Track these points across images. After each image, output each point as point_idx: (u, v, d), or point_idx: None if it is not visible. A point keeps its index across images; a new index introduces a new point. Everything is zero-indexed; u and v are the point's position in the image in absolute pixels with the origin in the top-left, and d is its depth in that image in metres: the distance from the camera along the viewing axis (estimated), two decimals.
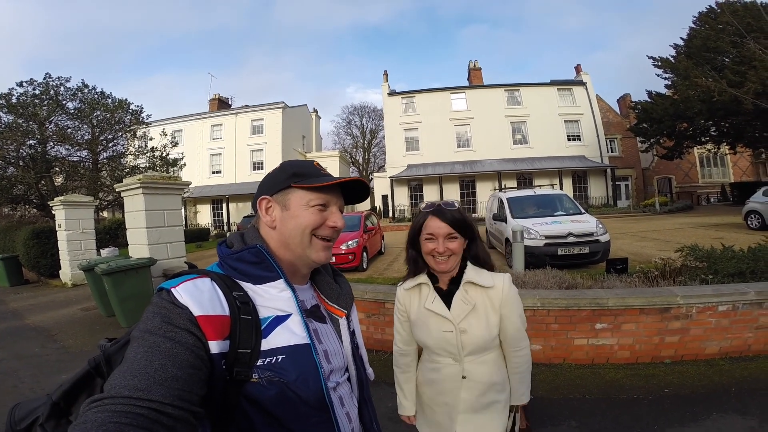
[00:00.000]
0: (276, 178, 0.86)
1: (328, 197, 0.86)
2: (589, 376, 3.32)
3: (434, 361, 1.42)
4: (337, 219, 0.87)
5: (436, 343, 1.38)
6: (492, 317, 1.36)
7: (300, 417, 0.74)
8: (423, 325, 1.41)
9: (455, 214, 1.36)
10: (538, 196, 9.09)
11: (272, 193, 0.85)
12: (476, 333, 1.34)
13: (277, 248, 0.85)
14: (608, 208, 22.89)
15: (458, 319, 1.34)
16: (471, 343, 1.34)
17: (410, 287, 1.48)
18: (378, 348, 4.13)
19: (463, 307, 1.35)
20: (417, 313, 1.44)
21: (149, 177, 6.42)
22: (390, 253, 11.31)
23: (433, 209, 1.40)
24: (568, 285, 4.18)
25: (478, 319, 1.35)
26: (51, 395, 0.69)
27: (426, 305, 1.40)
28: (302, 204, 0.84)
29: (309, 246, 0.84)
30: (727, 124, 19.00)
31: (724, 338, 3.43)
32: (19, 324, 6.28)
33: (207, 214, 29.07)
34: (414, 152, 27.68)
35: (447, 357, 1.38)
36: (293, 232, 0.83)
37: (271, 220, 0.85)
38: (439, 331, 1.36)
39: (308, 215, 0.83)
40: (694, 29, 19.57)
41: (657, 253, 6.93)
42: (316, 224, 0.84)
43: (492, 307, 1.36)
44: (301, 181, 0.84)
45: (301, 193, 0.84)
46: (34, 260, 10.60)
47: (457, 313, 1.35)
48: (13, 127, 13.10)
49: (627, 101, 28.49)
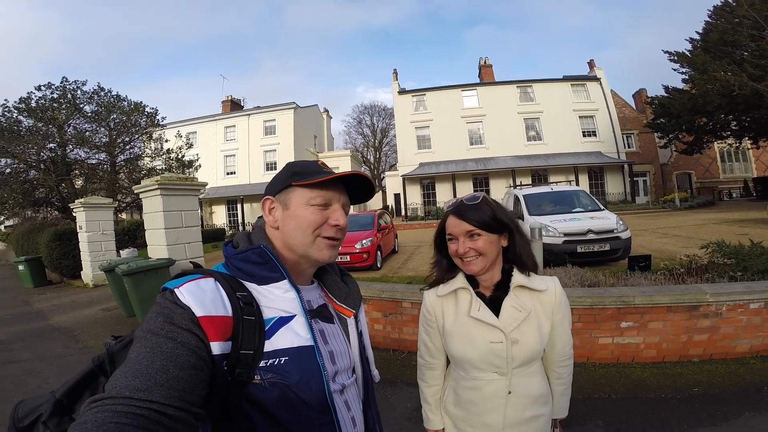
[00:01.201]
0: (279, 178, 0.86)
1: (329, 195, 0.83)
2: (615, 375, 3.25)
3: (474, 378, 1.25)
4: (339, 217, 0.84)
5: (480, 356, 1.22)
6: (544, 325, 1.23)
7: (302, 419, 0.73)
8: (464, 337, 1.24)
9: (474, 209, 1.21)
10: (555, 192, 8.92)
11: (274, 194, 0.85)
12: (529, 343, 1.20)
13: (281, 248, 0.84)
14: (626, 205, 22.50)
15: (510, 329, 1.19)
16: (522, 355, 1.20)
17: (445, 293, 1.30)
18: (396, 347, 4.11)
19: (515, 314, 1.20)
20: (455, 323, 1.26)
21: (167, 178, 6.50)
22: (403, 252, 11.27)
23: (450, 208, 1.27)
24: (590, 283, 4.10)
25: (530, 328, 1.21)
26: (54, 393, 0.70)
27: (471, 313, 1.23)
28: (302, 203, 0.82)
29: (312, 245, 0.83)
30: (748, 118, 18.48)
31: (756, 336, 3.33)
32: (43, 324, 6.44)
33: (222, 215, 29.49)
34: (426, 150, 27.62)
35: (491, 372, 1.22)
36: (294, 232, 0.82)
37: (274, 220, 0.84)
38: (486, 342, 1.20)
39: (308, 214, 0.81)
40: (710, 23, 19.13)
41: (680, 250, 6.77)
42: (316, 223, 0.82)
43: (544, 314, 1.24)
44: (301, 179, 0.82)
45: (300, 191, 0.82)
46: (56, 261, 10.87)
47: (509, 321, 1.20)
48: (33, 131, 13.46)
49: (643, 96, 27.94)
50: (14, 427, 0.67)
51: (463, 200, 1.25)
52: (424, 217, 24.47)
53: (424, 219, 23.90)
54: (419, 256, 10.18)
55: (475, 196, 1.26)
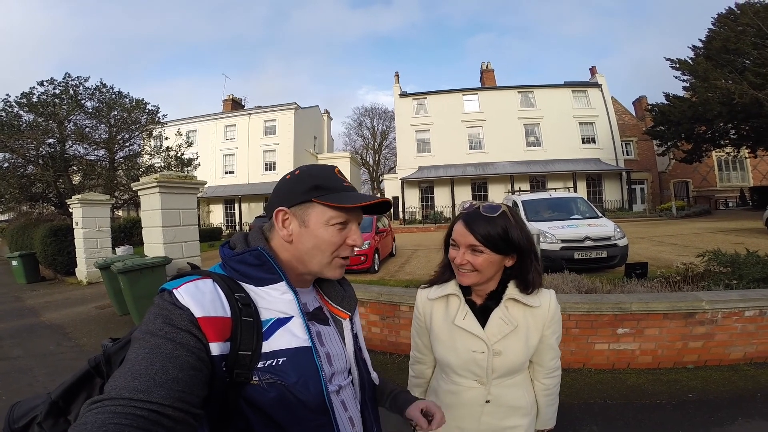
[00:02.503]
0: (295, 189, 0.81)
1: (349, 215, 0.82)
2: (610, 381, 3.25)
3: (454, 383, 1.24)
4: (356, 238, 0.84)
5: (461, 363, 1.20)
6: (532, 338, 1.19)
7: (299, 420, 0.73)
8: (447, 342, 1.23)
9: (486, 222, 1.11)
10: (553, 199, 8.97)
11: (290, 205, 0.80)
12: (512, 356, 1.17)
13: (289, 259, 0.82)
14: (623, 212, 22.59)
15: (493, 340, 1.17)
16: (503, 367, 1.18)
17: (436, 297, 1.28)
18: (392, 351, 4.10)
19: (502, 327, 1.17)
20: (441, 328, 1.25)
21: (166, 176, 6.48)
22: (401, 255, 11.27)
23: (463, 212, 1.19)
24: (587, 289, 4.11)
25: (517, 341, 1.17)
26: (50, 394, 0.70)
27: (456, 321, 1.20)
28: (322, 222, 0.79)
29: (329, 265, 0.83)
30: (747, 126, 18.59)
31: (750, 343, 3.36)
32: (34, 321, 6.37)
33: (220, 214, 29.41)
34: (425, 154, 27.64)
35: (471, 379, 1.21)
36: (312, 251, 0.80)
37: (288, 234, 0.81)
38: (468, 351, 1.18)
39: (328, 236, 0.80)
40: (713, 30, 19.19)
41: (676, 258, 6.79)
42: (336, 245, 0.81)
43: (535, 328, 1.20)
44: (324, 197, 0.79)
45: (321, 209, 0.79)
46: (51, 258, 10.78)
47: (494, 332, 1.17)
48: (33, 126, 13.42)
49: (643, 103, 28.05)
50: (9, 428, 0.67)
51: (480, 208, 1.16)
52: (422, 221, 24.54)
53: (422, 223, 23.97)
54: (417, 259, 10.18)
55: (495, 207, 1.15)
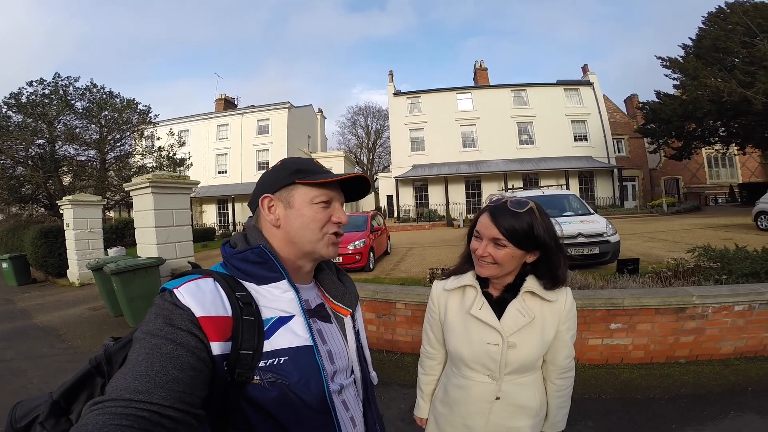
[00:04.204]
0: (277, 176, 0.84)
1: (331, 194, 0.85)
2: (604, 376, 3.28)
3: (464, 377, 1.23)
4: (341, 215, 0.86)
5: (474, 355, 1.19)
6: (548, 333, 1.18)
7: (301, 419, 0.72)
8: (461, 333, 1.21)
9: (512, 216, 1.11)
10: (546, 196, 8.99)
11: (274, 191, 0.83)
12: (527, 350, 1.16)
13: (282, 246, 0.83)
14: (615, 209, 22.75)
15: (509, 332, 1.15)
16: (516, 361, 1.16)
17: (452, 288, 1.27)
18: (388, 348, 4.11)
19: (518, 318, 1.16)
20: (455, 318, 1.24)
21: (159, 176, 6.43)
22: (396, 253, 11.28)
23: (490, 205, 1.19)
24: (580, 285, 4.15)
25: (532, 334, 1.16)
26: (52, 394, 0.70)
27: (472, 311, 1.19)
28: (306, 201, 0.82)
29: (320, 242, 0.83)
30: (736, 124, 18.88)
31: (740, 338, 3.40)
32: (27, 323, 6.29)
33: (213, 214, 29.20)
34: (419, 152, 27.64)
35: (482, 374, 1.19)
36: (300, 230, 0.82)
37: (275, 218, 0.83)
38: (482, 343, 1.17)
39: (313, 213, 0.82)
40: (704, 29, 19.44)
41: (666, 254, 6.87)
42: (323, 221, 0.83)
43: (551, 322, 1.19)
44: (305, 178, 0.82)
45: (304, 189, 0.83)
46: (41, 259, 10.65)
47: (510, 324, 1.16)
48: (22, 127, 13.23)
49: (634, 101, 28.28)
50: (11, 428, 0.67)
51: (508, 203, 1.15)
52: (416, 219, 24.51)
53: (416, 221, 23.96)
54: (411, 257, 10.20)
55: (523, 203, 1.14)
